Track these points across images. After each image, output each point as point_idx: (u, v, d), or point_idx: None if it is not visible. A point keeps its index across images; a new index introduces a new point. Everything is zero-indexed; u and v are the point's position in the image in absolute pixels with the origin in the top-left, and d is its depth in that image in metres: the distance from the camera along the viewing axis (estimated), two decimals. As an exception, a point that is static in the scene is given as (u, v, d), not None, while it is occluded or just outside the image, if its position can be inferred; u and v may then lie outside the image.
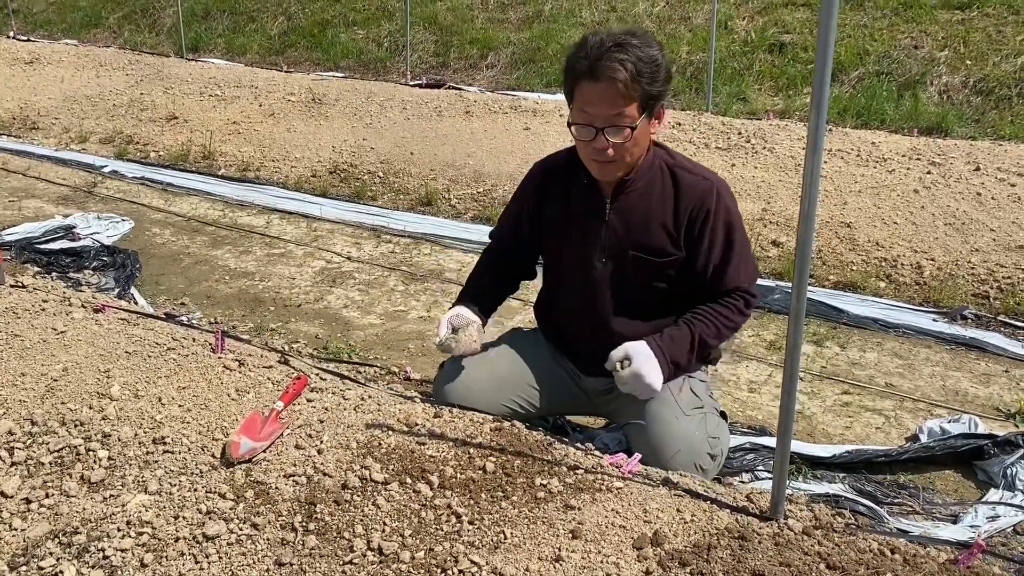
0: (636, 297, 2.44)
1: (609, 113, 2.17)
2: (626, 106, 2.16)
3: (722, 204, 2.33)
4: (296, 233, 5.11)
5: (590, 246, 2.44)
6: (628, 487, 1.92)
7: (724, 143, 5.58)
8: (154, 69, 8.19)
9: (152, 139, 6.68)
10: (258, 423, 2.16)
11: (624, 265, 2.41)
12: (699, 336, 2.29)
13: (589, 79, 2.17)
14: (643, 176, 2.36)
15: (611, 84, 2.13)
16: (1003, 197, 4.61)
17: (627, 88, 2.13)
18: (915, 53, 7.73)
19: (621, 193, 2.37)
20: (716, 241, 2.33)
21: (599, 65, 2.14)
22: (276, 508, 1.91)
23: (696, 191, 2.33)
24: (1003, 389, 3.39)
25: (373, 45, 9.71)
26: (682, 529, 1.77)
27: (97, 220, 5.14)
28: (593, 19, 9.23)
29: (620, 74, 2.11)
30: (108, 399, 2.32)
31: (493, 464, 1.99)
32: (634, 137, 2.21)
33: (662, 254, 2.37)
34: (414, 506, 1.88)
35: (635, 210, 2.37)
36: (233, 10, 10.92)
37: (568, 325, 2.58)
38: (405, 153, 6.01)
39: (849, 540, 1.76)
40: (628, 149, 2.23)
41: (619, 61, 2.12)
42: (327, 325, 3.99)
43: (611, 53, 2.13)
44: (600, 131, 2.19)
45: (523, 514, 1.83)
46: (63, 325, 2.73)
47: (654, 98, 2.20)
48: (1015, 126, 6.53)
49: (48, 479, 2.08)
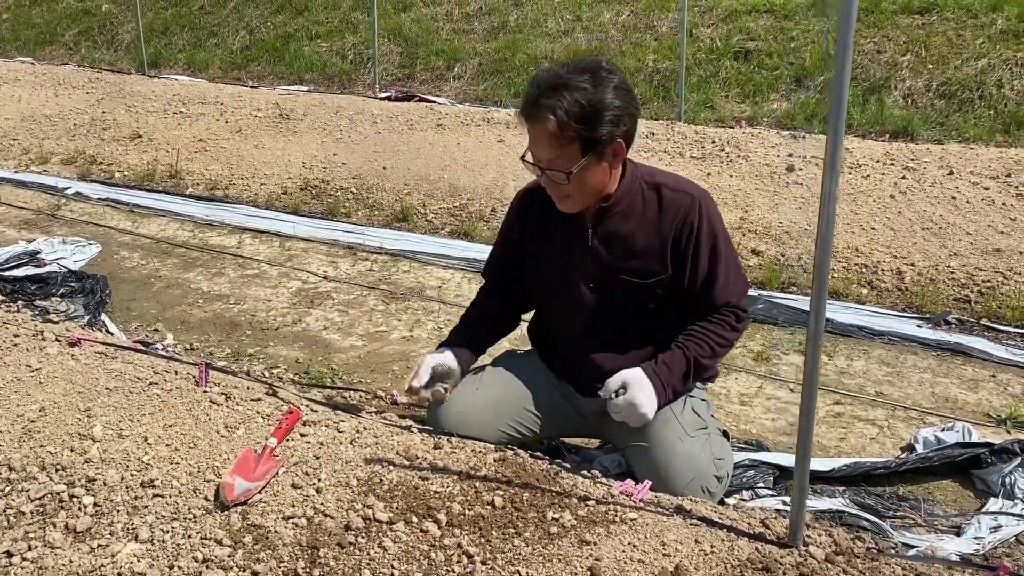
0: (627, 319, 2.40)
1: (545, 155, 2.14)
2: (561, 150, 2.11)
3: (705, 218, 2.29)
4: (269, 253, 5.00)
5: (576, 274, 2.39)
6: (642, 517, 1.87)
7: (699, 152, 5.57)
8: (115, 87, 8.00)
9: (116, 159, 6.52)
10: (251, 462, 2.07)
11: (613, 289, 2.37)
12: (694, 359, 2.25)
13: (526, 120, 2.15)
14: (624, 199, 2.31)
15: (544, 127, 2.09)
16: (978, 200, 4.65)
17: (561, 131, 2.08)
18: (878, 58, 7.81)
19: (603, 219, 2.32)
20: (701, 256, 2.29)
21: (532, 109, 2.11)
22: (277, 553, 1.82)
23: (679, 207, 2.28)
24: (991, 395, 3.40)
25: (337, 58, 9.61)
26: (703, 562, 1.72)
27: (63, 244, 4.99)
28: (559, 29, 9.22)
29: (549, 123, 2.07)
30: (90, 440, 2.22)
31: (501, 498, 1.93)
32: (577, 179, 2.15)
33: (649, 275, 2.32)
34: (423, 547, 1.80)
35: (618, 234, 2.33)
36: (193, 25, 10.75)
37: (562, 348, 2.53)
38: (377, 168, 5.92)
39: (873, 566, 1.72)
40: (575, 189, 2.18)
41: (549, 108, 2.07)
42: (307, 348, 3.89)
43: (544, 98, 2.08)
44: (543, 171, 2.16)
45: (537, 551, 1.76)
46: (37, 361, 2.61)
47: (599, 140, 2.12)
48: (979, 128, 6.61)
49: (30, 530, 1.97)
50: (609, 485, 2.04)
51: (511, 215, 2.55)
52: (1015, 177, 4.72)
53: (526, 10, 9.59)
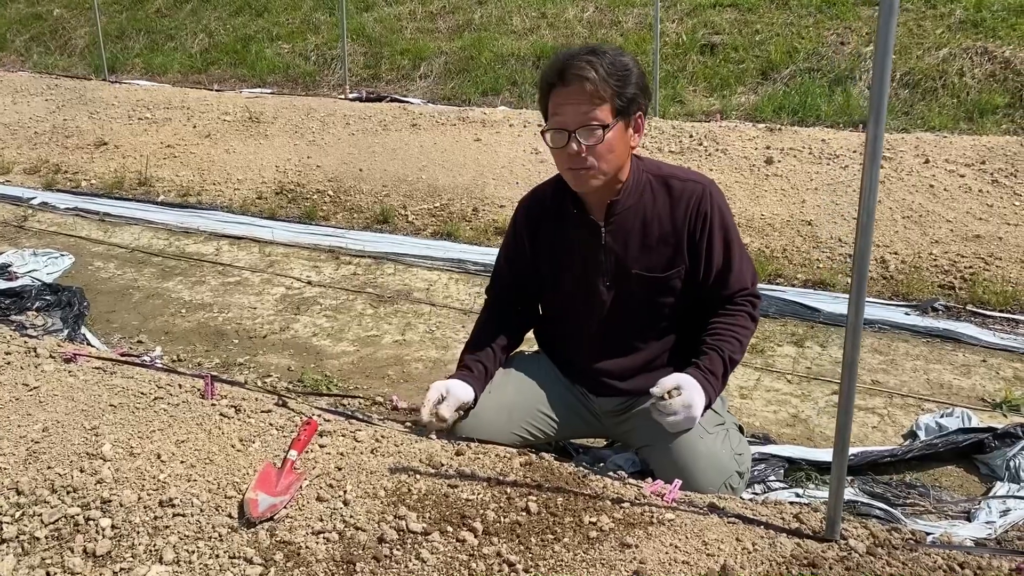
0: (644, 316, 2.38)
1: (580, 113, 2.12)
2: (598, 107, 2.12)
3: (716, 206, 2.29)
4: (249, 259, 4.91)
5: (592, 273, 2.36)
6: (680, 518, 1.85)
7: (677, 146, 5.59)
8: (76, 93, 7.79)
9: (82, 167, 6.36)
10: (272, 476, 2.02)
11: (629, 285, 2.35)
12: (729, 358, 2.24)
13: (560, 84, 2.14)
14: (633, 193, 2.30)
15: (581, 84, 2.10)
16: (955, 188, 4.73)
17: (597, 88, 2.10)
18: (842, 49, 7.91)
19: (614, 214, 2.30)
20: (715, 244, 2.29)
21: (569, 68, 2.11)
22: (311, 570, 1.77)
23: (691, 197, 2.28)
24: (984, 379, 3.45)
25: (300, 59, 9.47)
26: (748, 560, 1.71)
27: (34, 256, 4.85)
28: (524, 26, 9.19)
29: (590, 73, 2.09)
30: (101, 460, 2.14)
31: (535, 504, 1.90)
32: (608, 141, 2.14)
33: (666, 268, 2.31)
34: (462, 557, 1.77)
35: (632, 229, 2.31)
36: (149, 29, 10.53)
37: (577, 350, 2.50)
38: (354, 170, 5.85)
39: (913, 557, 1.72)
40: (602, 154, 2.16)
41: (588, 62, 2.10)
42: (298, 356, 3.83)
43: (581, 57, 2.12)
44: (572, 134, 2.13)
45: (579, 557, 1.74)
46: (35, 380, 2.52)
47: (628, 102, 2.16)
48: (943, 116, 6.73)
49: (47, 556, 1.90)
50: (639, 486, 2.02)
51: (517, 226, 2.48)
52: (989, 164, 4.81)
53: (490, 8, 9.55)
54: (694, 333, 2.50)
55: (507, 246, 2.53)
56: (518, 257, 2.49)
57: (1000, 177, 4.72)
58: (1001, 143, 5.05)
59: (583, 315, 2.42)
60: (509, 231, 2.53)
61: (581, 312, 2.41)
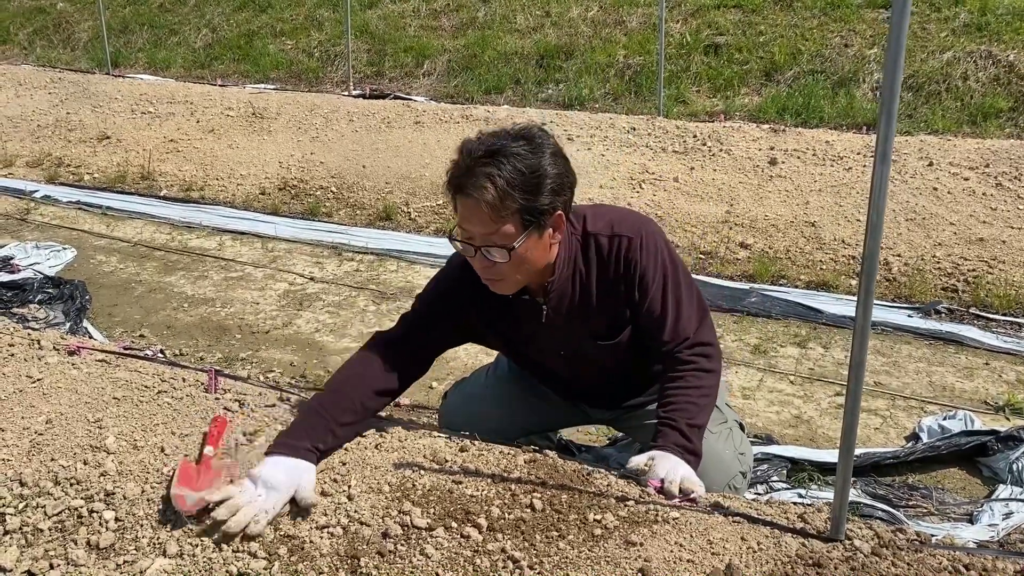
0: (612, 368, 2.31)
1: (483, 232, 1.91)
2: (501, 224, 1.89)
3: (647, 252, 2.10)
4: (252, 254, 4.90)
5: (543, 348, 2.27)
6: (685, 516, 1.85)
7: (680, 146, 5.59)
8: (79, 87, 7.79)
9: (85, 161, 6.35)
10: (192, 473, 2.00)
11: (586, 353, 2.25)
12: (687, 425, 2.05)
13: (461, 193, 1.91)
14: (565, 266, 2.13)
15: (478, 203, 1.87)
16: (958, 191, 4.73)
17: (499, 206, 1.87)
18: (846, 51, 7.91)
19: (550, 293, 2.15)
20: (648, 291, 2.11)
21: (466, 179, 1.87)
22: (316, 564, 1.77)
23: (617, 251, 2.10)
24: (987, 382, 3.45)
25: (304, 55, 9.47)
26: (753, 560, 1.71)
27: (36, 249, 4.85)
28: (528, 24, 9.19)
29: (488, 193, 1.85)
30: (104, 452, 2.14)
31: (540, 500, 1.90)
32: (517, 255, 1.94)
33: (614, 332, 2.20)
34: (466, 553, 1.77)
35: (569, 304, 2.16)
36: (153, 23, 10.52)
37: (555, 393, 2.49)
38: (357, 167, 5.85)
39: (919, 558, 1.72)
40: (515, 267, 1.97)
41: (487, 176, 1.85)
42: (300, 351, 3.83)
43: (480, 167, 1.86)
44: (479, 249, 1.94)
45: (584, 554, 1.74)
46: (38, 372, 2.51)
47: (540, 213, 1.93)
48: (947, 120, 6.73)
49: (50, 547, 1.90)
50: (644, 484, 2.02)
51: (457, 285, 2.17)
52: (993, 167, 4.81)
53: (494, 6, 9.55)
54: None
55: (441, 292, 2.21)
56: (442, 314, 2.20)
57: (1004, 180, 4.72)
58: (1005, 146, 5.04)
59: (549, 376, 2.40)
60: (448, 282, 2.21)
61: (546, 375, 2.40)
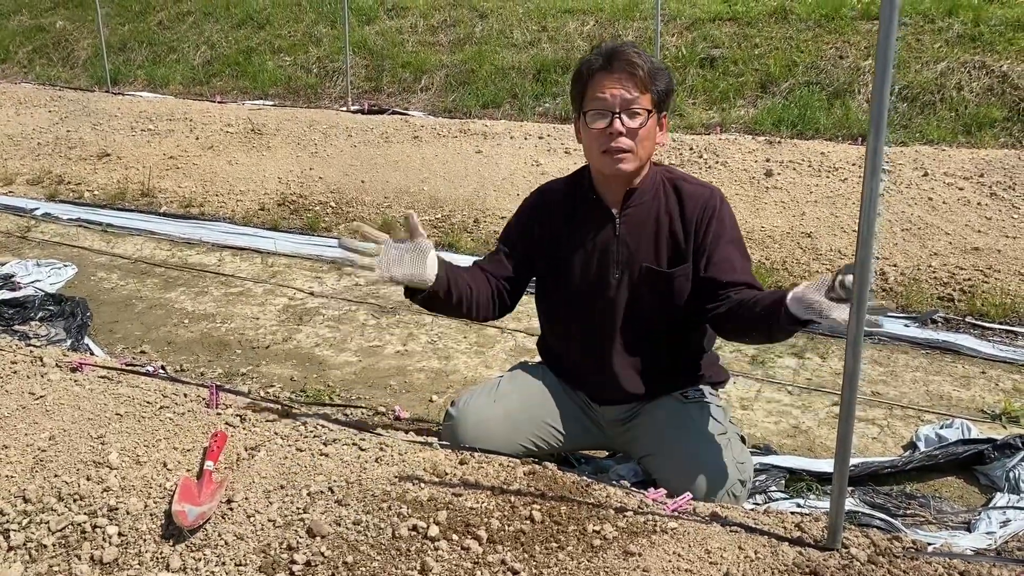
0: (651, 313, 2.40)
1: (625, 97, 2.20)
2: (641, 95, 2.20)
3: (726, 207, 2.38)
4: (252, 270, 4.93)
5: (602, 263, 2.40)
6: (683, 526, 1.87)
7: (677, 159, 5.62)
8: (79, 105, 7.83)
9: (85, 178, 6.39)
10: (193, 488, 2.03)
11: (636, 279, 2.37)
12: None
13: (605, 70, 2.21)
14: (648, 189, 2.37)
15: (629, 73, 2.19)
16: (953, 201, 4.76)
17: (643, 79, 2.19)
18: (840, 63, 7.96)
19: (629, 206, 2.36)
20: (724, 238, 2.34)
21: (617, 56, 2.21)
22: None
23: (699, 199, 2.35)
24: (983, 391, 3.47)
25: (302, 71, 9.53)
26: (751, 569, 1.72)
27: (37, 267, 4.87)
28: (524, 39, 9.24)
29: (638, 61, 2.19)
30: (107, 468, 2.16)
31: (539, 512, 1.91)
32: (647, 128, 2.23)
33: (672, 264, 2.36)
34: (466, 564, 1.78)
35: (644, 222, 2.37)
36: (152, 41, 10.58)
37: (582, 352, 2.52)
38: (356, 182, 5.88)
39: (915, 566, 1.74)
40: (641, 139, 2.23)
41: (636, 53, 2.22)
42: (300, 366, 3.84)
43: (627, 49, 2.23)
44: (616, 115, 2.20)
45: (583, 565, 1.76)
46: (41, 388, 2.54)
47: (663, 98, 2.27)
48: (941, 130, 6.77)
49: (54, 563, 1.92)
50: (642, 494, 2.04)
51: (530, 212, 2.50)
52: (988, 177, 4.84)
53: (491, 21, 9.61)
54: (698, 345, 2.52)
55: (515, 228, 2.51)
56: (523, 240, 2.48)
57: (998, 190, 4.75)
58: (999, 156, 5.08)
59: (588, 315, 2.43)
60: (521, 214, 2.52)
61: (587, 311, 2.43)
